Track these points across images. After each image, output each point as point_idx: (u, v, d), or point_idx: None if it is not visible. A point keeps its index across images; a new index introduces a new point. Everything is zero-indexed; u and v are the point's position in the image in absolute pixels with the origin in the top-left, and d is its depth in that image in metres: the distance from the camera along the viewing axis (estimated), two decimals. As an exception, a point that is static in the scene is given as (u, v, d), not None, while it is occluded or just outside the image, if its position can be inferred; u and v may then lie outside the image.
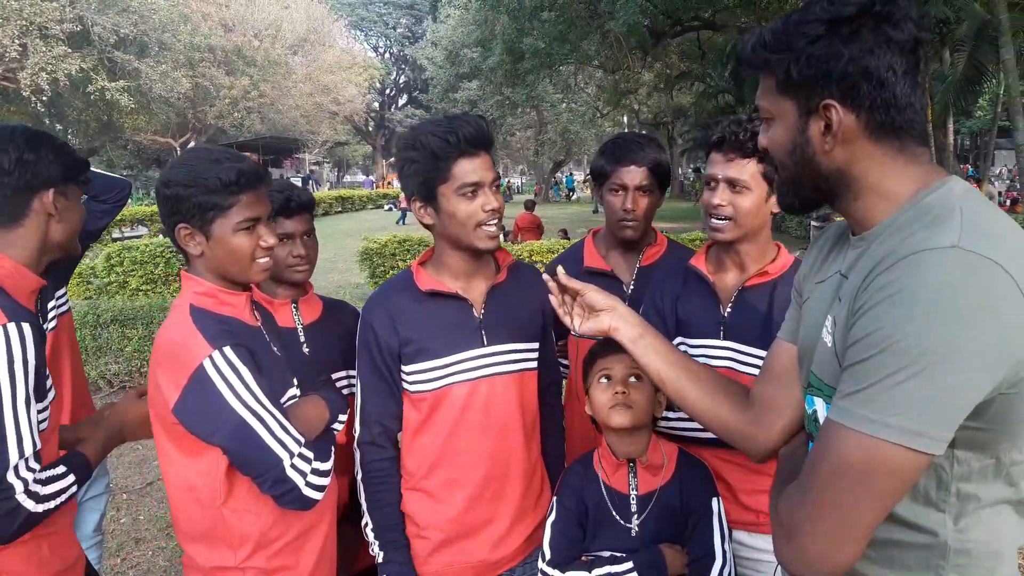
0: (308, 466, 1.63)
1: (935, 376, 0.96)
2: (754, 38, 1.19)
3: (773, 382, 1.40)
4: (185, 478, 1.68)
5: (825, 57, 1.09)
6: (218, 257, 1.67)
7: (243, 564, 1.69)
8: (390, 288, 2.01)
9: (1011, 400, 1.02)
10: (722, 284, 2.07)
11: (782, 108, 1.19)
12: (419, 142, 1.82)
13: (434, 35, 40.64)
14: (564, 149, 35.66)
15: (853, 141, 1.13)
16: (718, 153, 1.95)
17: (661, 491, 1.86)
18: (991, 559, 1.12)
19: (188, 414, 1.58)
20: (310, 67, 38.75)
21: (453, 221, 1.84)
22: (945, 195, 1.09)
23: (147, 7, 24.07)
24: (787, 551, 1.14)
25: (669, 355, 1.49)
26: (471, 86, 32.72)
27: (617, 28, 14.81)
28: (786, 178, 1.25)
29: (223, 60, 30.67)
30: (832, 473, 1.05)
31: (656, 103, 31.30)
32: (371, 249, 10.62)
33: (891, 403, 0.98)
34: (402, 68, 55.58)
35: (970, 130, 33.36)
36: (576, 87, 25.67)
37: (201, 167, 1.63)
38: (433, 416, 1.94)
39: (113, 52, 23.68)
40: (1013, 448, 1.08)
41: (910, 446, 0.98)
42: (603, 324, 1.52)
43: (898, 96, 1.10)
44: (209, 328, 1.60)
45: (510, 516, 1.98)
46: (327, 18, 42.24)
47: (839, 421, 1.04)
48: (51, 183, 1.81)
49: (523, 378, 2.01)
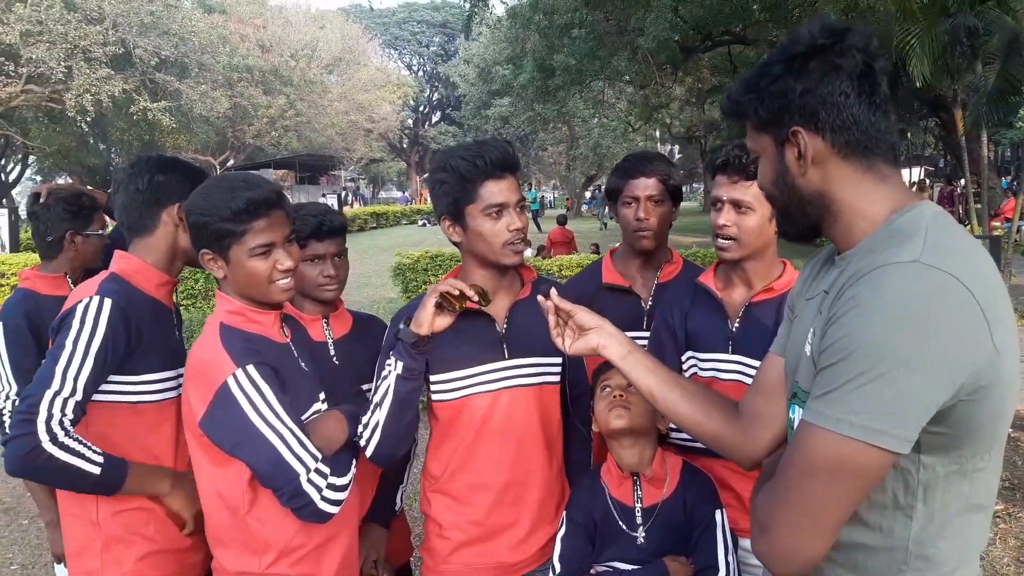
0: (324, 481, 1.70)
1: (895, 379, 1.03)
2: (730, 90, 1.33)
3: (762, 394, 1.46)
4: (214, 486, 1.77)
5: (783, 92, 1.22)
6: (239, 280, 1.77)
7: (267, 570, 1.77)
8: (419, 301, 2.10)
9: (972, 407, 1.08)
10: (730, 300, 2.13)
11: (762, 144, 1.30)
12: (449, 165, 1.93)
13: (466, 53, 41.14)
14: (596, 164, 35.65)
15: (824, 161, 1.22)
16: (723, 175, 2.03)
17: (664, 503, 1.91)
18: (951, 564, 1.18)
19: (213, 428, 1.68)
20: (345, 86, 39.44)
21: (480, 239, 1.94)
22: (915, 217, 1.17)
23: (187, 29, 24.71)
24: (761, 545, 1.21)
25: (658, 371, 1.54)
26: (503, 102, 32.96)
27: (647, 44, 14.85)
28: (778, 209, 1.35)
29: (260, 80, 31.32)
30: (803, 470, 1.12)
31: (688, 117, 31.22)
32: (404, 264, 10.77)
33: (855, 404, 1.06)
34: (435, 86, 56.23)
35: (1011, 141, 32.68)
36: (607, 102, 25.74)
37: (216, 195, 1.73)
38: (455, 424, 2.02)
39: (154, 73, 24.28)
40: (975, 455, 1.14)
41: (873, 443, 1.05)
42: (592, 343, 1.57)
43: (856, 116, 1.19)
44: (235, 346, 1.70)
45: (529, 522, 2.04)
46: (361, 38, 43.06)
47: (809, 421, 1.12)
48: (178, 198, 1.98)
49: (543, 391, 2.07)
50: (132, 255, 2.02)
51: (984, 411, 1.10)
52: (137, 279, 1.98)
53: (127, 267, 1.99)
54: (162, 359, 1.98)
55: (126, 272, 1.98)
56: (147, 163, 2.06)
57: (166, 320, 2.06)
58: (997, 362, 1.08)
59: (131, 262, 2.01)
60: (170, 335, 2.06)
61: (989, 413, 1.11)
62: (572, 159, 34.75)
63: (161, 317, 2.03)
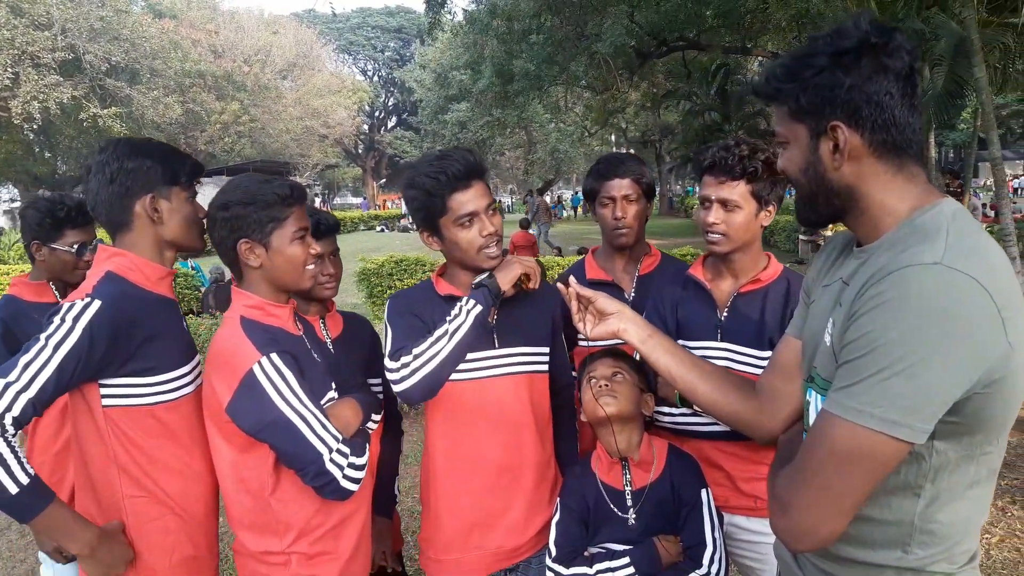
0: (345, 460, 1.79)
1: (915, 375, 1.11)
2: (768, 72, 1.34)
3: (779, 374, 1.55)
4: (236, 471, 1.85)
5: (830, 85, 1.24)
6: (277, 266, 1.86)
7: (288, 549, 1.85)
8: (413, 289, 2.22)
9: (985, 399, 1.16)
10: (718, 291, 2.26)
11: (795, 132, 1.32)
12: (415, 182, 2.04)
13: (422, 58, 41.04)
14: (553, 168, 35.96)
15: (859, 159, 1.27)
16: (710, 176, 2.15)
17: (652, 486, 2.02)
18: (954, 537, 1.28)
19: (239, 413, 1.75)
20: (300, 91, 39.06)
21: (456, 248, 2.06)
22: (936, 215, 1.23)
23: (138, 35, 24.34)
24: (781, 524, 1.30)
25: (677, 353, 1.64)
26: (460, 108, 32.97)
27: (604, 50, 15.10)
28: (803, 195, 1.38)
29: (213, 86, 30.94)
30: (824, 456, 1.20)
31: (643, 122, 31.69)
32: (369, 270, 10.78)
33: (876, 397, 1.13)
34: (391, 91, 56.02)
35: (954, 143, 33.83)
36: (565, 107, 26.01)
37: (255, 187, 1.84)
38: (449, 412, 2.12)
39: (104, 79, 23.88)
40: (986, 441, 1.23)
41: (891, 434, 1.13)
42: (612, 327, 1.67)
43: (896, 117, 1.23)
44: (258, 337, 1.78)
45: (524, 507, 2.14)
46: (316, 43, 42.68)
47: (832, 411, 1.19)
48: (149, 188, 1.90)
49: (534, 379, 2.18)
50: (124, 251, 1.91)
51: (997, 402, 1.17)
52: (135, 276, 1.90)
53: (123, 264, 1.90)
54: (180, 353, 1.94)
55: (122, 269, 1.89)
56: (116, 148, 1.92)
57: (174, 313, 2.00)
58: (1010, 356, 1.14)
59: (125, 259, 1.90)
60: (181, 328, 2.02)
61: (1001, 403, 1.18)
62: (530, 164, 34.98)
63: (171, 310, 1.98)
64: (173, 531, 1.90)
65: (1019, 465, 5.13)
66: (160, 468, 1.87)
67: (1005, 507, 4.54)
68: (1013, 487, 4.80)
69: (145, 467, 1.85)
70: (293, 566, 1.86)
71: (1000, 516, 4.42)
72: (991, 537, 4.18)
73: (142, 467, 1.85)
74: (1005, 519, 4.39)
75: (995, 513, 4.46)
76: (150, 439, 1.86)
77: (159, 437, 1.87)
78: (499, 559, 2.14)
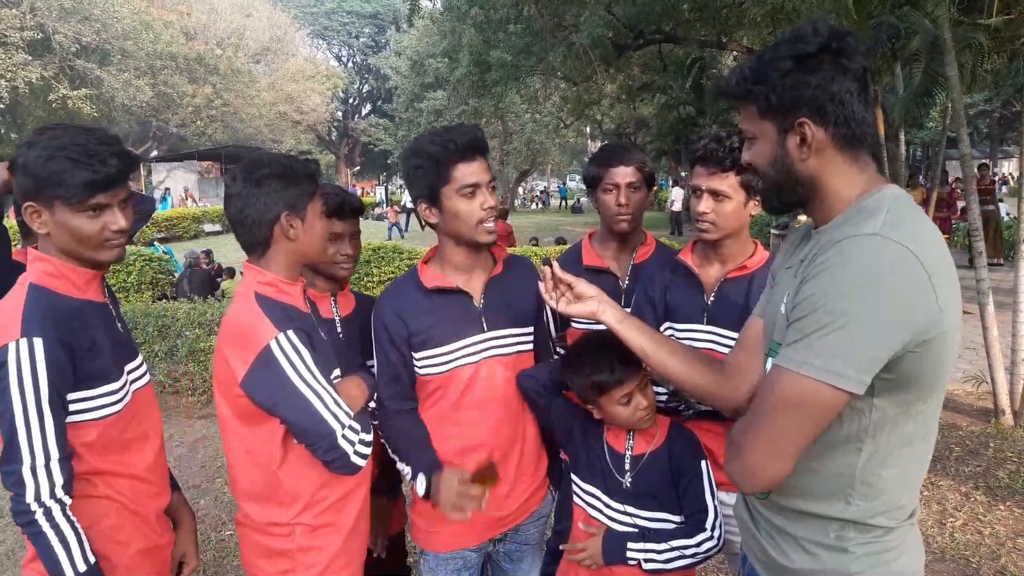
0: (356, 436, 1.84)
1: (852, 331, 1.25)
2: (736, 74, 1.45)
3: (744, 350, 1.68)
4: (244, 444, 1.89)
5: (796, 85, 1.36)
6: (307, 240, 1.92)
7: (293, 520, 1.91)
8: (400, 285, 2.25)
9: (918, 358, 1.30)
10: (706, 276, 2.35)
11: (763, 129, 1.44)
12: (422, 150, 2.07)
13: (398, 45, 40.72)
14: (529, 159, 35.97)
15: (823, 151, 1.40)
16: (702, 167, 2.24)
17: (651, 454, 2.10)
18: (892, 492, 1.43)
19: (254, 388, 1.78)
20: (273, 76, 38.62)
21: (456, 219, 2.08)
22: (880, 198, 1.38)
23: (109, 15, 23.89)
24: (733, 466, 1.45)
25: (649, 333, 1.77)
26: (437, 96, 32.84)
27: (582, 41, 15.13)
28: (769, 185, 1.50)
29: (185, 68, 30.44)
30: (772, 403, 1.35)
31: (619, 114, 31.75)
32: (345, 256, 10.73)
33: (819, 350, 1.27)
34: (365, 77, 55.54)
35: (922, 141, 34.42)
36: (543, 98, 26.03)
37: (289, 162, 1.95)
38: (442, 394, 2.17)
39: (75, 60, 23.43)
40: (919, 399, 1.38)
41: (831, 383, 1.26)
42: (591, 307, 1.80)
43: (855, 113, 1.36)
44: (275, 313, 1.82)
45: (512, 478, 2.22)
46: (290, 27, 42.19)
47: (780, 364, 1.34)
48: (40, 194, 1.74)
49: (520, 359, 2.24)
50: (46, 255, 1.80)
51: (927, 362, 1.31)
52: (59, 284, 1.79)
53: (45, 271, 1.78)
54: (114, 362, 1.85)
55: (45, 278, 1.78)
56: (33, 139, 1.76)
57: (108, 317, 1.90)
58: (940, 319, 1.28)
59: (49, 264, 1.79)
60: (114, 332, 1.91)
61: (931, 363, 1.32)
62: (506, 154, 34.94)
63: (102, 315, 1.87)
64: (128, 525, 1.90)
65: (982, 453, 5.32)
66: (109, 475, 1.85)
67: (969, 492, 4.71)
68: (976, 474, 4.98)
69: (92, 478, 1.82)
70: (298, 537, 1.91)
71: (964, 501, 4.60)
72: (955, 521, 4.35)
73: (88, 477, 1.81)
74: (969, 503, 4.57)
75: (959, 498, 4.64)
76: (97, 456, 1.82)
77: (109, 452, 1.84)
78: (487, 529, 2.22)
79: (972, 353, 7.71)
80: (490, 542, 2.27)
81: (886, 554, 1.44)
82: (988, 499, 4.61)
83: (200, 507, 4.78)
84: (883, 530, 1.43)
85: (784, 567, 1.52)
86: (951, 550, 4.02)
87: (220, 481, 5.18)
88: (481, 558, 2.29)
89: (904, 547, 1.46)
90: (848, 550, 1.44)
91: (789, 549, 1.51)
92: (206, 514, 4.73)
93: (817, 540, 1.47)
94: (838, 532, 1.44)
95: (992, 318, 5.75)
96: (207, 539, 4.34)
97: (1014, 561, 3.90)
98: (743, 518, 1.68)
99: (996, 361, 5.75)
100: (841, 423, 1.37)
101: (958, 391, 6.62)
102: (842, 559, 1.44)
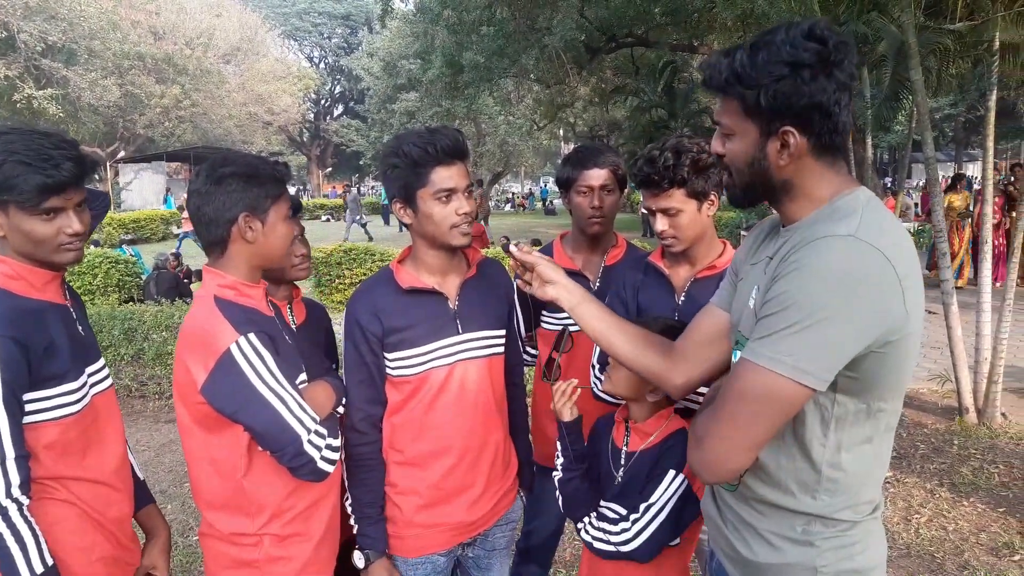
0: (323, 441, 1.81)
1: (821, 330, 1.26)
2: (725, 69, 1.39)
3: (694, 336, 1.71)
4: (207, 453, 1.85)
5: (788, 94, 1.33)
6: (268, 243, 1.89)
7: (260, 531, 1.87)
8: (374, 284, 2.21)
9: (881, 358, 1.32)
10: (676, 277, 2.36)
11: (744, 128, 1.42)
12: (401, 150, 2.04)
13: (370, 46, 40.53)
14: (503, 161, 35.95)
15: (801, 158, 1.40)
16: (645, 190, 2.24)
17: (642, 452, 2.06)
18: (855, 487, 1.45)
19: (215, 394, 1.74)
20: (243, 76, 38.17)
21: (429, 222, 2.06)
22: (853, 200, 1.39)
23: (76, 14, 23.49)
24: (695, 456, 1.47)
25: (605, 317, 1.78)
26: (409, 97, 32.70)
27: (554, 44, 15.18)
28: (741, 183, 1.49)
29: (153, 68, 29.99)
30: (737, 396, 1.36)
31: (591, 117, 31.88)
32: (317, 259, 10.69)
33: (787, 347, 1.28)
34: (337, 79, 55.20)
35: (889, 144, 34.98)
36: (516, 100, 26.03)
37: (255, 162, 1.91)
38: (414, 396, 2.14)
39: (40, 59, 23.00)
40: (880, 399, 1.40)
41: (797, 380, 1.28)
42: (548, 294, 1.83)
43: (839, 124, 1.36)
44: (235, 315, 1.77)
45: (483, 482, 2.21)
46: (261, 27, 41.72)
47: (748, 358, 1.35)
48: None
49: (492, 361, 2.23)
50: (4, 257, 1.79)
51: (890, 363, 1.33)
52: (17, 286, 1.78)
53: (3, 272, 1.78)
54: (73, 364, 1.82)
55: (3, 279, 1.77)
56: None
57: (64, 319, 1.86)
58: (906, 322, 1.31)
59: (6, 266, 1.78)
60: (74, 333, 1.88)
61: (894, 364, 1.34)
62: (479, 156, 34.89)
63: (59, 318, 1.84)
64: (90, 531, 1.86)
65: (946, 450, 5.41)
66: (69, 480, 1.82)
67: (934, 489, 4.79)
68: (941, 471, 5.06)
69: (51, 482, 1.78)
70: (265, 547, 1.88)
71: (929, 498, 4.67)
72: (920, 517, 4.42)
73: (47, 482, 1.77)
74: (934, 500, 4.64)
75: (924, 495, 4.71)
76: (57, 459, 1.79)
77: (68, 456, 1.81)
78: (458, 533, 2.21)
79: (937, 352, 7.85)
80: (460, 547, 2.25)
81: (850, 548, 1.46)
82: (952, 495, 4.69)
83: (167, 512, 4.71)
84: (848, 524, 1.46)
85: (749, 561, 1.54)
86: (916, 546, 4.08)
87: (187, 486, 5.10)
88: (451, 563, 2.28)
89: (868, 541, 1.49)
90: (814, 544, 1.46)
91: (755, 543, 1.53)
92: (173, 519, 4.66)
93: (783, 534, 1.48)
94: (804, 526, 1.46)
95: (956, 318, 5.85)
96: (174, 544, 4.27)
97: (977, 556, 3.97)
98: (710, 513, 1.69)
99: (960, 360, 5.85)
100: (804, 420, 1.40)
101: (923, 390, 6.72)
102: (808, 553, 1.46)
